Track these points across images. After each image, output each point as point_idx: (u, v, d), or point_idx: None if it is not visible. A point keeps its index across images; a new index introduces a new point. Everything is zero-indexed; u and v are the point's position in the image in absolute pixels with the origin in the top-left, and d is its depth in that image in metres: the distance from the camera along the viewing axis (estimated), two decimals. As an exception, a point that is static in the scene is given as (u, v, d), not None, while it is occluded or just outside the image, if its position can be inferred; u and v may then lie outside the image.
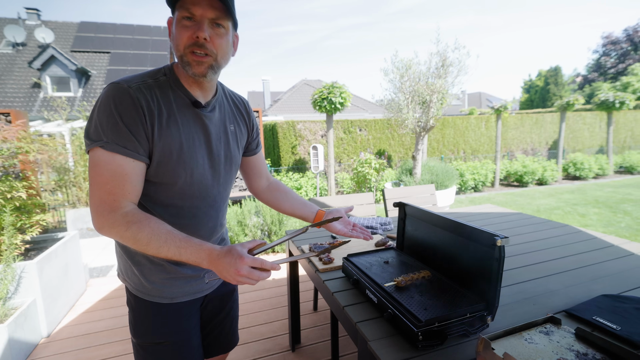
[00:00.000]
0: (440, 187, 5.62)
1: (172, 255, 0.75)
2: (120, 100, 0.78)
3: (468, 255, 1.04)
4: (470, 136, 10.30)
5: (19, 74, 13.09)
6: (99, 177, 0.77)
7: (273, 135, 8.70)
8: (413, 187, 2.93)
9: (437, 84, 5.43)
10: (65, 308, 2.65)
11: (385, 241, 1.66)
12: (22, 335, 2.09)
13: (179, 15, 0.80)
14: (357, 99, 19.57)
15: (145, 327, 0.96)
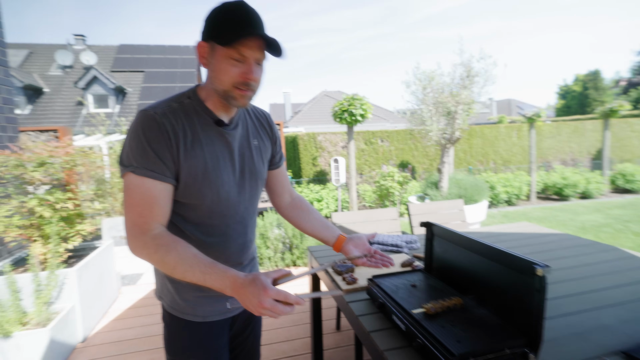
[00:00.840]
0: (470, 202, 5.41)
1: (197, 280, 0.77)
2: (147, 126, 0.83)
3: (505, 283, 0.99)
4: (501, 146, 9.89)
5: (66, 94, 14.37)
6: (130, 200, 0.82)
7: (294, 146, 8.81)
8: (440, 202, 2.87)
9: (462, 95, 5.34)
10: (99, 314, 2.77)
11: (412, 261, 1.64)
12: (61, 339, 2.21)
13: (226, 53, 0.83)
14: (378, 109, 19.50)
15: (178, 345, 0.99)
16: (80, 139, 7.21)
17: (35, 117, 13.33)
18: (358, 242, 1.16)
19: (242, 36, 0.81)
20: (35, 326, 2.11)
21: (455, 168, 9.42)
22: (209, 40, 0.85)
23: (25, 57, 15.68)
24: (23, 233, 2.32)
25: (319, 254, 1.99)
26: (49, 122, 13.24)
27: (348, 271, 1.60)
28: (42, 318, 2.15)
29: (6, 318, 2.01)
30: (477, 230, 2.52)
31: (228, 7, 0.84)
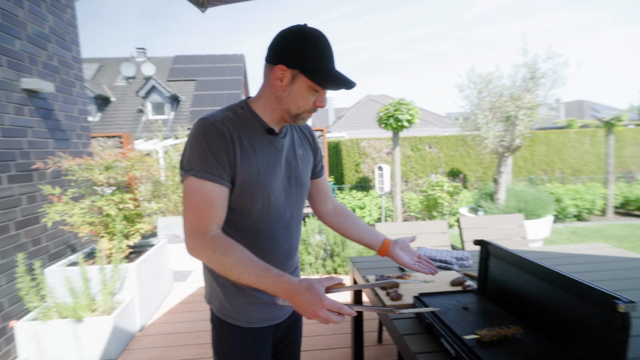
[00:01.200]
0: (531, 216, 4.87)
1: (252, 283, 0.79)
2: (207, 132, 0.87)
3: (576, 316, 0.87)
4: (569, 153, 8.75)
5: (129, 102, 15.99)
6: (191, 202, 0.86)
7: (336, 152, 8.76)
8: (496, 216, 2.65)
9: (524, 99, 4.91)
10: (154, 307, 2.97)
11: (463, 280, 1.54)
12: (123, 327, 2.41)
13: (309, 84, 0.87)
14: (426, 113, 18.82)
15: (226, 348, 1.03)
16: (140, 143, 7.86)
17: (104, 124, 14.96)
18: (404, 246, 1.17)
19: (337, 87, 0.87)
20: (101, 313, 2.33)
21: (514, 177, 8.65)
22: (295, 68, 0.86)
23: (97, 70, 17.70)
24: (93, 229, 2.57)
25: (361, 265, 1.96)
26: (115, 128, 14.76)
27: (392, 286, 1.54)
28: (107, 307, 2.36)
29: (79, 304, 2.24)
30: (540, 249, 2.30)
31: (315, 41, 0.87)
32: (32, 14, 2.65)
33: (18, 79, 2.48)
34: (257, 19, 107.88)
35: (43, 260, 2.60)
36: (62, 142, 2.92)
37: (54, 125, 2.84)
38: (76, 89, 3.18)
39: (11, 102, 2.42)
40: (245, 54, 19.30)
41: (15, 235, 2.38)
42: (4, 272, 2.27)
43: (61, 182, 2.83)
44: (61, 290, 2.38)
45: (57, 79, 2.91)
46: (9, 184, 2.36)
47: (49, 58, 2.83)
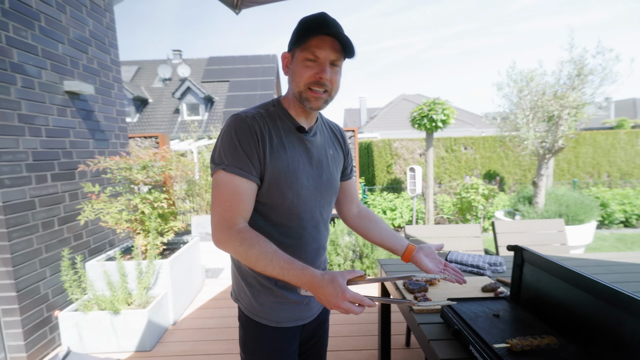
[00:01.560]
0: (573, 222, 4.58)
1: (277, 275, 0.81)
2: (239, 128, 0.89)
3: (616, 329, 0.81)
4: (619, 155, 8.17)
5: (166, 103, 16.67)
6: (219, 195, 0.88)
7: (368, 153, 8.65)
8: (534, 220, 2.51)
9: (569, 97, 4.60)
10: (186, 302, 3.07)
11: (495, 286, 1.47)
12: (157, 320, 2.50)
13: (302, 55, 0.88)
14: (462, 113, 18.19)
15: (254, 346, 1.04)
16: (176, 143, 8.20)
17: (142, 125, 15.68)
18: (428, 252, 1.13)
19: (313, 34, 0.86)
20: (137, 307, 2.44)
21: (556, 180, 8.18)
22: (291, 49, 0.92)
23: (135, 72, 18.58)
24: (129, 226, 2.69)
25: (389, 268, 1.92)
26: (152, 128, 15.42)
27: (421, 290, 1.51)
28: (143, 300, 2.47)
29: (117, 297, 2.36)
30: (581, 256, 2.15)
31: (307, 17, 0.91)
32: (73, 18, 2.77)
33: (61, 81, 2.61)
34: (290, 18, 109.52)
35: (84, 255, 2.76)
36: (101, 142, 3.06)
37: (94, 125, 2.99)
38: (114, 90, 3.32)
39: (55, 104, 2.55)
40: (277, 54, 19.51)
41: (59, 230, 2.54)
42: (48, 265, 2.43)
43: (101, 180, 2.98)
44: (100, 283, 2.52)
45: (96, 81, 3.05)
46: (53, 182, 2.50)
47: (89, 61, 2.95)
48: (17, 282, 2.18)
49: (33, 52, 2.37)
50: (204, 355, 2.33)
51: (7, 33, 2.17)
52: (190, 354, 2.36)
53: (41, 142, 2.41)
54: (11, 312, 2.17)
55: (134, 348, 2.37)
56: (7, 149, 2.16)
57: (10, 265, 2.14)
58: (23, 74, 2.28)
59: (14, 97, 2.21)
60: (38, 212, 2.36)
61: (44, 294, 2.38)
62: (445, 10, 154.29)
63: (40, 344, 2.33)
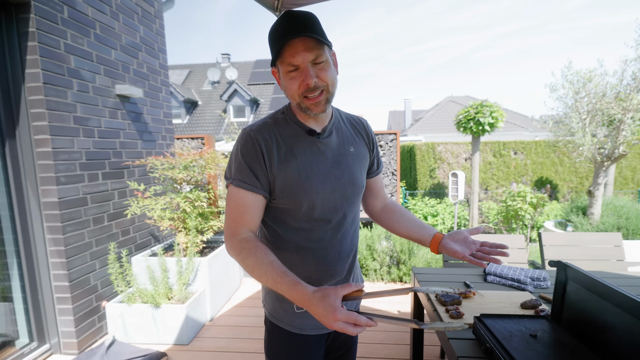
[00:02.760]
0: (633, 236, 4.18)
1: (271, 287, 0.82)
2: (243, 143, 0.93)
3: None
4: None
5: (214, 105, 17.37)
6: (228, 207, 0.94)
7: (410, 156, 8.46)
8: (587, 233, 2.31)
9: (634, 100, 4.18)
10: (223, 300, 3.17)
11: (537, 303, 1.36)
12: (194, 316, 2.61)
13: (283, 69, 0.88)
14: (513, 115, 17.15)
15: (276, 351, 1.05)
16: (222, 145, 8.53)
17: (191, 126, 16.47)
18: (458, 237, 1.00)
19: (281, 44, 0.83)
20: (176, 302, 2.56)
21: (617, 190, 7.51)
22: (274, 64, 0.91)
23: (187, 75, 19.56)
24: (172, 224, 2.85)
25: (422, 277, 1.85)
26: (201, 130, 16.15)
27: (453, 303, 1.43)
28: (182, 296, 2.59)
29: (158, 292, 2.50)
30: None
31: (272, 26, 0.89)
32: (125, 25, 2.92)
33: (113, 85, 2.76)
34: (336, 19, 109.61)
35: (130, 250, 2.93)
36: (149, 143, 3.23)
37: (142, 127, 3.15)
38: (162, 94, 3.47)
39: (107, 106, 2.70)
40: None
41: (108, 226, 2.70)
42: (98, 258, 2.60)
43: (147, 179, 3.15)
44: (143, 277, 2.67)
45: (145, 85, 3.19)
46: (103, 180, 2.66)
47: (139, 66, 3.09)
48: (70, 273, 2.35)
49: (88, 58, 2.54)
50: (237, 353, 2.40)
51: (65, 41, 2.34)
52: (225, 350, 2.43)
53: (94, 143, 2.58)
54: (64, 301, 2.36)
55: (172, 341, 2.49)
56: (64, 149, 2.32)
57: (64, 257, 2.32)
58: (79, 79, 2.45)
59: (70, 100, 2.38)
60: (89, 208, 2.53)
61: (94, 285, 2.56)
62: (499, 8, 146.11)
63: (89, 332, 2.51)
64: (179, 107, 16.43)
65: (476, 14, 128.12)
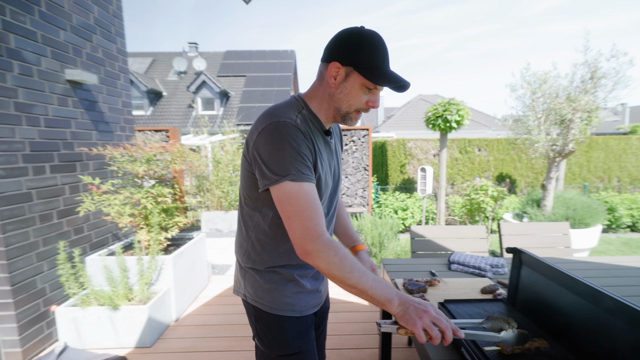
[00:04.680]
0: (579, 225, 4.59)
1: (368, 288, 0.79)
2: (294, 135, 0.86)
3: (609, 335, 0.80)
4: (630, 161, 8.25)
5: (180, 97, 16.48)
6: (295, 207, 0.83)
7: (382, 152, 8.63)
8: (540, 223, 2.48)
9: (581, 101, 4.51)
10: (190, 299, 3.08)
11: (494, 288, 1.43)
12: (158, 316, 2.51)
13: (365, 83, 0.89)
14: (479, 115, 17.93)
15: (283, 340, 1.02)
16: (189, 138, 8.24)
17: (155, 118, 15.53)
18: (361, 261, 1.18)
19: (389, 84, 0.87)
20: (138, 302, 2.45)
21: (567, 184, 8.13)
22: (349, 65, 0.89)
23: (150, 64, 18.37)
24: (132, 221, 2.71)
25: (391, 268, 1.90)
26: (165, 122, 15.25)
27: (419, 291, 1.49)
28: (144, 296, 2.48)
29: (116, 293, 2.38)
30: (584, 259, 2.12)
31: (370, 41, 0.88)
32: (77, 4, 2.67)
33: (62, 70, 2.51)
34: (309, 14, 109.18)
35: (85, 249, 2.74)
36: (105, 134, 3.00)
37: (98, 117, 2.90)
38: (120, 81, 3.24)
39: (55, 92, 2.45)
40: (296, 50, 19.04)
41: (58, 224, 2.49)
42: (46, 258, 2.40)
43: (103, 173, 2.95)
44: (100, 278, 2.52)
45: (101, 71, 2.95)
46: (52, 174, 2.44)
47: (93, 49, 2.85)
48: (12, 276, 2.14)
49: (32, 38, 2.29)
50: (205, 352, 2.34)
51: (3, 17, 2.09)
52: (192, 350, 2.36)
53: (40, 132, 2.35)
54: (5, 307, 2.14)
55: (133, 344, 2.38)
56: (2, 138, 2.09)
57: (5, 259, 2.10)
58: (21, 61, 2.21)
59: (10, 84, 2.14)
60: (35, 204, 2.32)
61: (41, 288, 2.36)
62: (469, 10, 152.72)
63: (36, 339, 2.31)
64: (142, 97, 15.49)
65: (447, 15, 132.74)
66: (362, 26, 0.91)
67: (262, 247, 0.99)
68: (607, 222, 6.28)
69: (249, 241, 1.01)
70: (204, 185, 6.31)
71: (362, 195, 6.07)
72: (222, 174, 6.13)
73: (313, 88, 0.97)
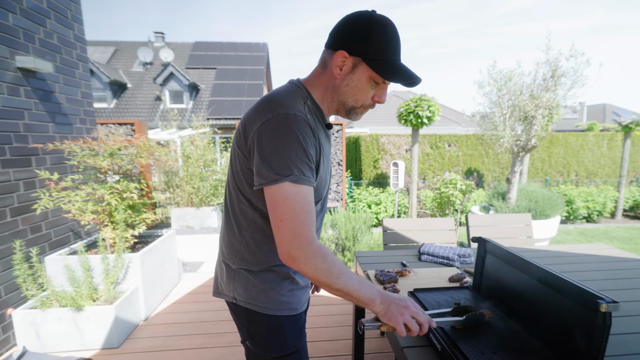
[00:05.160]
0: (540, 217, 4.88)
1: (353, 290, 0.79)
2: (303, 132, 0.78)
3: (562, 315, 0.86)
4: (586, 156, 8.81)
5: (146, 89, 15.67)
6: (290, 210, 0.77)
7: (356, 148, 8.72)
8: (504, 215, 2.60)
9: (543, 98, 4.76)
10: (160, 297, 2.99)
11: (462, 277, 1.49)
12: (125, 316, 2.42)
13: (369, 75, 0.83)
14: (449, 111, 18.48)
15: (281, 341, 0.98)
16: (157, 132, 7.95)
17: (119, 111, 14.65)
18: None
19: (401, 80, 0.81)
20: (103, 303, 2.35)
21: (530, 178, 8.59)
22: (357, 56, 0.81)
23: (112, 54, 17.27)
24: (96, 218, 2.58)
25: (363, 260, 1.92)
26: (131, 115, 14.45)
27: (391, 281, 1.52)
28: (110, 296, 2.39)
29: (79, 293, 2.27)
30: (544, 248, 2.25)
31: (382, 29, 0.81)
32: None
33: (12, 56, 2.35)
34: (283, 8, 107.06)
35: (43, 249, 2.59)
36: (63, 126, 2.83)
37: (54, 108, 2.73)
38: (79, 70, 3.06)
39: (5, 81, 2.29)
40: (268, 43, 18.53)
41: (12, 222, 2.34)
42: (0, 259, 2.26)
43: (62, 168, 2.78)
44: (61, 278, 2.40)
45: (57, 59, 2.77)
46: (4, 169, 2.29)
47: (47, 35, 2.66)
48: None
49: None
50: (176, 351, 2.29)
51: None
52: (162, 349, 2.30)
53: None
54: None
55: (99, 345, 2.29)
56: None
57: None
58: None
59: None
60: None
61: (-5, 291, 2.21)
62: (440, 8, 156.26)
63: (-8, 344, 2.17)
64: (104, 89, 14.59)
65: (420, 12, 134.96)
66: (373, 10, 0.82)
67: (258, 247, 0.92)
68: (565, 213, 6.70)
69: (242, 241, 0.94)
70: (174, 181, 6.12)
71: (337, 190, 6.11)
72: (192, 169, 5.97)
73: (315, 76, 0.89)
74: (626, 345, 1.05)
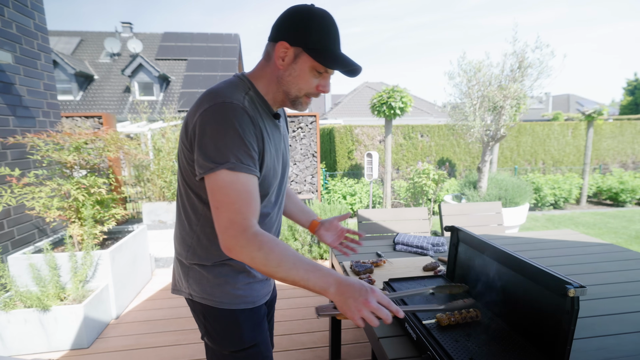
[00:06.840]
0: (510, 204, 5.08)
1: (299, 279, 0.75)
2: (240, 119, 0.79)
3: (532, 300, 0.89)
4: (552, 145, 9.21)
5: (114, 81, 15.00)
6: (225, 198, 0.77)
7: (330, 139, 8.73)
8: (475, 203, 2.69)
9: (511, 89, 4.93)
10: (132, 294, 2.91)
11: (436, 265, 1.53)
12: (95, 315, 2.34)
13: (314, 65, 0.84)
14: (421, 102, 18.82)
15: (237, 335, 0.97)
16: (126, 125, 7.63)
17: (86, 104, 14.01)
18: (329, 226, 1.21)
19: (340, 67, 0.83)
20: (72, 302, 2.26)
21: (500, 167, 8.91)
22: (298, 46, 0.83)
23: (77, 44, 16.41)
24: (62, 214, 2.46)
25: (338, 252, 1.93)
26: (98, 108, 13.88)
27: (366, 272, 1.54)
28: (78, 295, 2.29)
29: (46, 293, 2.17)
30: (514, 235, 2.34)
31: (321, 20, 0.83)
32: None
33: None
34: None
35: (6, 248, 2.47)
36: (25, 119, 2.70)
37: (15, 100, 2.61)
38: (41, 61, 2.93)
39: None
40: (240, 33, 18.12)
41: None
42: None
43: (25, 163, 2.66)
44: (26, 278, 2.29)
45: (16, 49, 2.65)
46: None
47: (5, 24, 2.56)
48: None
49: None
50: (150, 349, 2.24)
51: None
52: (135, 347, 2.25)
53: None
54: None
55: (68, 346, 2.21)
56: None
57: None
58: None
59: None
60: None
61: (-46, 292, 2.09)
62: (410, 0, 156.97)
63: (-47, 348, 2.06)
64: (69, 81, 13.85)
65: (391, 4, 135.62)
66: (312, 4, 0.85)
67: (210, 241, 0.92)
68: (533, 201, 6.98)
69: (193, 236, 0.94)
70: (144, 175, 5.91)
71: (311, 182, 6.11)
72: (163, 162, 5.78)
73: (259, 68, 0.90)
74: (592, 328, 1.10)
